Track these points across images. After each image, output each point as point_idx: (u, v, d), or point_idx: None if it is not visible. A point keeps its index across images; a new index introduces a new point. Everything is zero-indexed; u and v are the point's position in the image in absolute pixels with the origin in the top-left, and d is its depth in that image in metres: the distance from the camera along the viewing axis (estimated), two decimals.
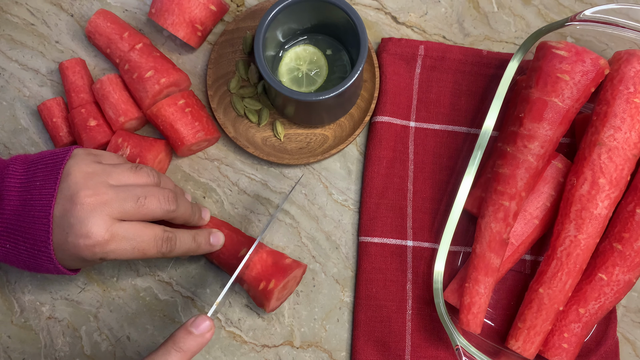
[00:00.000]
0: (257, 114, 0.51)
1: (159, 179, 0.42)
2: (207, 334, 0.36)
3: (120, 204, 0.38)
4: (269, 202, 0.50)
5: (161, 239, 0.40)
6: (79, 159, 0.39)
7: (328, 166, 0.51)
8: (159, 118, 0.48)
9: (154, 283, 0.48)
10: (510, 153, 0.43)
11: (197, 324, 0.36)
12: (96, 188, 0.38)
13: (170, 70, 0.48)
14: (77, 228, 0.37)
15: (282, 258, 0.45)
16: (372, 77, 0.50)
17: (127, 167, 0.41)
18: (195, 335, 0.36)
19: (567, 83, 0.42)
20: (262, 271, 0.43)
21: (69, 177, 0.38)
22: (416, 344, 0.47)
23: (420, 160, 0.50)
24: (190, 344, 0.36)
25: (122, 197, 0.38)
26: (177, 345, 0.35)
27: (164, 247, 0.40)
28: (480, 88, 0.51)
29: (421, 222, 0.49)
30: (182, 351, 0.35)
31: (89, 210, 0.37)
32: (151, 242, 0.39)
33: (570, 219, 0.43)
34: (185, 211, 0.42)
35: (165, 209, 0.40)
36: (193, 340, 0.36)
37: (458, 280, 0.46)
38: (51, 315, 0.48)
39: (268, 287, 0.43)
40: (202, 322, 0.36)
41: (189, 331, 0.36)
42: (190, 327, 0.36)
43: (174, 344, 0.35)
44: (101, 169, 0.39)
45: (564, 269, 0.43)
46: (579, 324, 0.43)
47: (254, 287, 0.44)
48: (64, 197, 0.38)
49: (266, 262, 0.44)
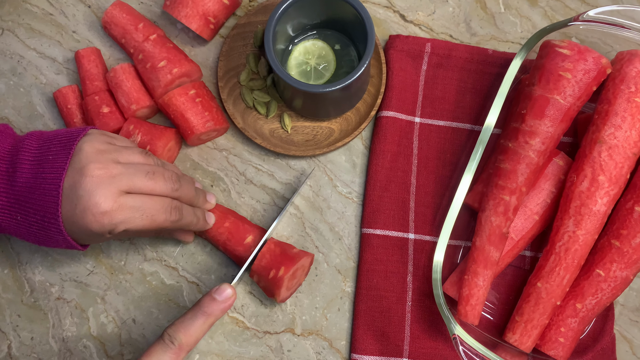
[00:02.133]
0: (265, 106, 0.52)
1: (164, 165, 0.44)
2: (229, 300, 0.40)
3: (128, 177, 0.39)
4: (274, 193, 0.51)
5: (170, 207, 0.41)
6: (92, 137, 0.41)
7: (333, 159, 0.51)
8: (170, 107, 0.49)
9: (161, 268, 0.49)
10: (512, 148, 0.44)
11: (220, 291, 0.40)
12: (106, 163, 0.39)
13: (183, 61, 0.49)
14: (86, 199, 0.38)
15: (290, 248, 0.46)
16: (379, 73, 0.51)
17: (138, 150, 0.42)
18: (218, 302, 0.40)
19: (569, 81, 0.42)
20: (272, 260, 0.44)
21: (81, 152, 0.39)
22: (415, 335, 0.47)
23: (424, 155, 0.50)
24: (213, 308, 0.40)
25: (130, 172, 0.40)
26: (202, 310, 0.39)
27: (173, 215, 0.41)
28: (485, 86, 0.52)
29: (423, 216, 0.50)
30: (207, 315, 0.39)
31: (97, 182, 0.38)
32: (160, 209, 0.40)
33: (569, 214, 0.43)
34: (188, 192, 0.43)
35: (170, 186, 0.41)
36: (216, 306, 0.40)
37: (458, 273, 0.47)
38: (60, 296, 0.48)
39: (278, 274, 0.44)
40: (224, 290, 0.40)
41: (213, 297, 0.40)
42: (214, 294, 0.40)
43: (199, 308, 0.40)
44: (113, 148, 0.41)
45: (562, 264, 0.43)
46: (575, 319, 0.44)
47: (264, 276, 0.44)
48: (74, 170, 0.39)
49: (274, 252, 0.45)
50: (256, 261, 0.45)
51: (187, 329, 0.39)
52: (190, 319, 0.39)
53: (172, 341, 0.38)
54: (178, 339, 0.38)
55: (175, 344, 0.38)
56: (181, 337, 0.38)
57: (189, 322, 0.39)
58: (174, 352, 0.38)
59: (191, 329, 0.39)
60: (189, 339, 0.39)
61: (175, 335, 0.38)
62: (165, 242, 0.50)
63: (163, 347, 0.38)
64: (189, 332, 0.39)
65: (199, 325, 0.39)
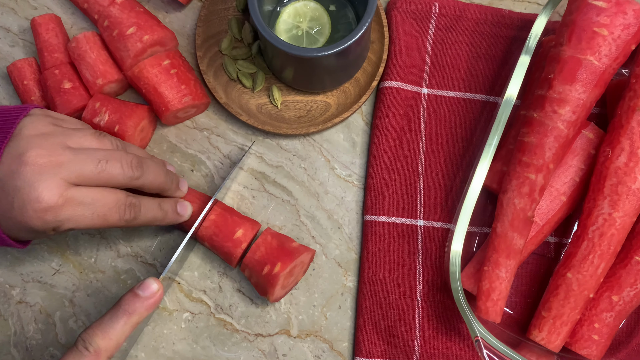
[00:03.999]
0: (251, 78, 0.46)
1: (125, 148, 0.39)
2: (155, 296, 0.36)
3: (77, 166, 0.34)
4: (264, 177, 0.46)
5: (124, 205, 0.37)
6: (35, 118, 0.36)
7: (330, 137, 0.46)
8: (141, 80, 0.43)
9: (136, 265, 0.44)
10: (538, 119, 0.38)
11: (144, 286, 0.36)
12: (51, 149, 0.34)
13: (155, 27, 0.43)
14: (26, 192, 0.33)
15: (289, 241, 0.41)
16: (381, 38, 0.46)
17: (90, 132, 0.37)
18: (142, 298, 0.36)
19: (605, 39, 0.37)
20: (267, 254, 0.40)
21: (21, 135, 0.34)
22: (427, 334, 0.42)
23: (433, 130, 0.46)
24: (137, 306, 0.36)
25: (80, 160, 0.35)
26: (124, 309, 0.35)
27: (127, 214, 0.37)
28: (500, 51, 0.47)
29: (433, 200, 0.45)
30: (129, 314, 0.35)
31: (39, 171, 0.33)
32: (113, 207, 0.36)
33: (604, 194, 0.38)
34: (155, 179, 0.38)
35: (129, 175, 0.36)
36: (140, 303, 0.36)
37: (475, 263, 0.42)
38: (22, 300, 0.44)
39: (273, 271, 0.39)
40: (149, 285, 0.36)
41: (135, 294, 0.36)
42: (137, 290, 0.36)
43: (120, 307, 0.35)
44: (60, 131, 0.36)
45: (596, 251, 0.38)
46: (611, 313, 0.39)
47: (257, 271, 0.40)
48: (12, 156, 0.33)
49: (271, 245, 0.40)
50: (249, 253, 0.41)
51: (106, 331, 0.34)
52: (109, 320, 0.35)
53: (87, 347, 0.34)
54: (95, 344, 0.34)
55: (90, 350, 0.34)
56: (98, 341, 0.34)
57: (107, 324, 0.35)
58: (89, 359, 0.34)
59: (111, 332, 0.35)
60: (108, 343, 0.34)
61: (91, 340, 0.34)
62: (141, 236, 0.44)
63: (77, 355, 0.34)
64: (107, 335, 0.34)
65: (120, 326, 0.35)
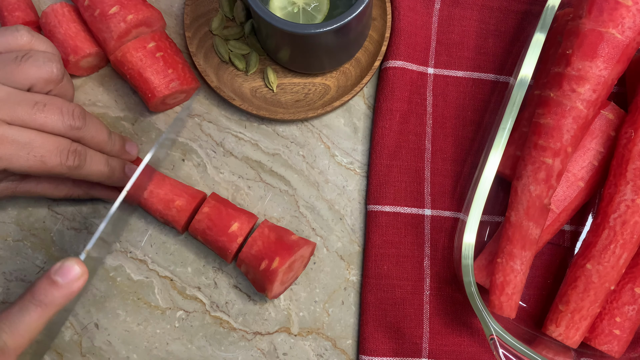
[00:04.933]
0: (244, 60, 0.43)
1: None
2: (77, 282, 0.31)
3: (11, 105, 0.32)
4: (260, 166, 0.43)
5: (67, 150, 0.33)
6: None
7: (330, 122, 0.44)
8: (125, 65, 0.40)
9: (126, 261, 0.42)
10: (555, 99, 0.36)
11: (63, 271, 0.31)
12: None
13: (140, 6, 0.40)
14: None
15: (288, 234, 0.39)
16: (383, 14, 0.43)
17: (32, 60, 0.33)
18: (60, 286, 0.31)
19: (628, 9, 0.34)
20: (264, 248, 0.38)
21: None
22: (435, 330, 0.40)
23: (439, 113, 0.43)
24: (54, 295, 0.30)
25: (14, 99, 0.32)
26: (37, 299, 0.30)
27: (71, 160, 0.33)
28: (511, 27, 0.44)
29: (441, 187, 0.42)
30: (44, 305, 0.30)
31: None
32: (53, 150, 0.33)
33: (626, 179, 0.35)
34: (97, 133, 0.36)
35: (69, 122, 0.34)
36: (58, 292, 0.31)
37: (487, 255, 0.39)
38: (5, 300, 0.41)
39: (271, 266, 0.37)
40: (70, 269, 0.31)
41: (53, 281, 0.31)
42: (54, 276, 0.31)
43: (33, 296, 0.30)
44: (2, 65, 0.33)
45: (618, 241, 0.35)
46: (634, 306, 0.37)
47: (254, 267, 0.38)
48: None
49: (268, 238, 0.38)
50: (245, 248, 0.38)
51: (15, 326, 0.30)
52: (18, 312, 0.30)
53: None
54: (0, 342, 0.30)
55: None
56: (5, 338, 0.30)
57: (16, 317, 0.30)
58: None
59: (20, 327, 0.30)
60: (17, 340, 0.30)
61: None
62: (130, 230, 0.42)
63: None
64: (17, 330, 0.30)
65: (32, 321, 0.30)
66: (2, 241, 0.41)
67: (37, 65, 0.33)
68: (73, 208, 0.42)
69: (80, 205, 0.42)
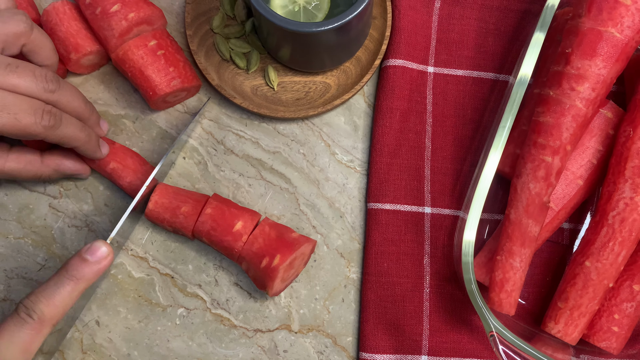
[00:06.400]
0: (245, 58, 0.43)
1: None
2: (104, 261, 0.35)
3: None
4: (261, 164, 0.43)
5: (42, 109, 0.33)
6: None
7: (330, 120, 0.44)
8: (126, 63, 0.40)
9: (127, 258, 0.42)
10: (554, 98, 0.36)
11: (92, 250, 0.35)
12: None
13: (141, 4, 0.40)
14: None
15: (288, 232, 0.39)
16: (383, 13, 0.43)
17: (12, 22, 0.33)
18: (90, 263, 0.34)
19: (627, 8, 0.34)
20: (265, 245, 0.38)
21: None
22: (435, 327, 0.40)
23: (439, 112, 0.43)
24: (85, 271, 0.34)
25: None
26: (70, 274, 0.34)
27: (45, 120, 0.33)
28: (510, 26, 0.44)
29: (441, 185, 0.42)
30: (76, 279, 0.34)
31: None
32: (27, 109, 0.33)
33: (625, 177, 0.36)
34: (72, 99, 0.36)
35: (42, 85, 0.33)
36: (88, 268, 0.34)
37: (486, 252, 0.39)
38: (6, 297, 0.41)
39: (272, 263, 0.37)
40: (98, 249, 0.35)
41: (83, 258, 0.34)
42: (85, 255, 0.34)
43: (66, 272, 0.34)
44: None
45: (617, 238, 0.36)
46: (632, 303, 0.37)
47: (255, 264, 0.38)
48: None
49: (269, 236, 0.38)
50: (246, 245, 0.38)
51: (51, 297, 0.33)
52: (54, 285, 0.33)
53: (30, 314, 0.32)
54: (38, 311, 0.32)
55: (34, 318, 0.32)
56: (42, 308, 0.32)
57: (52, 290, 0.33)
58: (32, 327, 0.32)
59: (56, 298, 0.33)
60: (53, 311, 0.33)
61: (35, 307, 0.32)
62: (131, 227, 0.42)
63: (18, 323, 0.32)
64: (52, 301, 0.33)
65: (66, 293, 0.33)
66: (3, 239, 0.42)
67: (2, 21, 0.33)
68: (74, 206, 0.42)
69: (81, 203, 0.42)
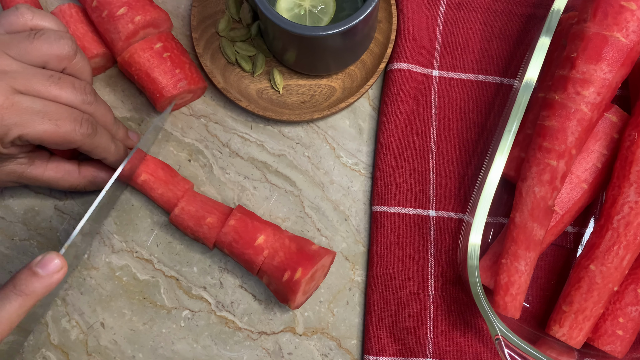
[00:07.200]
0: (250, 61, 0.43)
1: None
2: (57, 274, 0.32)
3: (26, 77, 0.32)
4: (266, 166, 0.43)
5: (81, 117, 0.34)
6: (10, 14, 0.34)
7: (335, 124, 0.44)
8: (133, 66, 0.40)
9: (132, 261, 0.42)
10: (559, 102, 0.36)
11: (44, 263, 0.32)
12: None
13: (147, 7, 0.40)
14: None
15: (308, 244, 0.39)
16: (389, 17, 0.43)
17: (45, 37, 0.34)
18: (41, 277, 0.32)
19: (633, 13, 0.34)
20: (286, 259, 0.38)
21: None
22: (440, 330, 0.40)
23: (444, 115, 0.43)
24: (34, 286, 0.32)
25: (30, 72, 0.33)
26: (18, 289, 0.31)
27: (85, 127, 0.34)
28: (515, 30, 0.44)
29: (446, 189, 0.42)
30: (24, 295, 0.31)
31: None
32: (67, 117, 0.33)
33: (630, 181, 0.36)
34: (106, 113, 0.37)
35: (81, 97, 0.34)
36: (38, 282, 0.32)
37: (491, 255, 0.39)
38: None
39: (294, 277, 0.37)
40: (50, 261, 0.32)
41: (34, 272, 0.32)
42: (35, 267, 0.32)
43: (14, 287, 0.31)
44: (12, 39, 0.33)
45: (622, 242, 0.36)
46: (637, 307, 0.37)
47: (277, 278, 0.38)
48: None
49: (289, 249, 0.38)
50: (267, 259, 0.38)
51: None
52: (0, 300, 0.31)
53: None
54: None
55: None
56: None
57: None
58: None
59: (2, 315, 0.31)
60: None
61: None
62: (137, 230, 0.42)
63: None
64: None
65: (13, 310, 0.31)
66: (8, 240, 0.42)
67: (49, 42, 0.34)
68: (79, 208, 0.42)
69: (87, 205, 0.42)
